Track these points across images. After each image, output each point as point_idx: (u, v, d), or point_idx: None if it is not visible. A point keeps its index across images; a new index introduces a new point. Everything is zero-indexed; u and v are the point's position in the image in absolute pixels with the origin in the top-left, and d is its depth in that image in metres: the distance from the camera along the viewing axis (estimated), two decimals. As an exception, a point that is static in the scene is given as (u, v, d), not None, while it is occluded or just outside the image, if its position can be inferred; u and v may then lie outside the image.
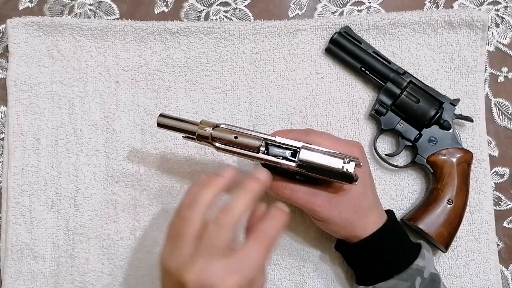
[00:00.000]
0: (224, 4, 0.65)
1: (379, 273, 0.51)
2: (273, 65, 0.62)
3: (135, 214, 0.61)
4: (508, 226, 0.62)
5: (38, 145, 0.62)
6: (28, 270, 0.60)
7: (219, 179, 0.45)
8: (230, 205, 0.43)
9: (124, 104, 0.63)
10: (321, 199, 0.51)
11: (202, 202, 0.43)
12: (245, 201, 0.43)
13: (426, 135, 0.58)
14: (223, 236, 0.41)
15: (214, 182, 0.44)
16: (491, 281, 0.59)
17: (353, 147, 0.53)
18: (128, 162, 0.62)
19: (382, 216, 0.53)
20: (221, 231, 0.41)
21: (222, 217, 0.42)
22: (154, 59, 0.63)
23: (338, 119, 0.62)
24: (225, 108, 0.62)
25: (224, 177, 0.45)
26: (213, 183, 0.44)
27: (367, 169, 0.54)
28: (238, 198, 0.43)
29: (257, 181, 0.44)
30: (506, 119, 0.63)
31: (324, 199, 0.51)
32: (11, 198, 0.61)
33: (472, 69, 0.61)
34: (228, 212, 0.42)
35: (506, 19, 0.64)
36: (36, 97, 0.63)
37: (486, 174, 0.60)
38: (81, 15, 0.65)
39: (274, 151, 0.48)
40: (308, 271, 0.60)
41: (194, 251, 0.41)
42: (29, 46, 0.63)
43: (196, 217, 0.42)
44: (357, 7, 0.65)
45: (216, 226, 0.41)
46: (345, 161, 0.46)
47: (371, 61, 0.60)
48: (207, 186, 0.44)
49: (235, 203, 0.43)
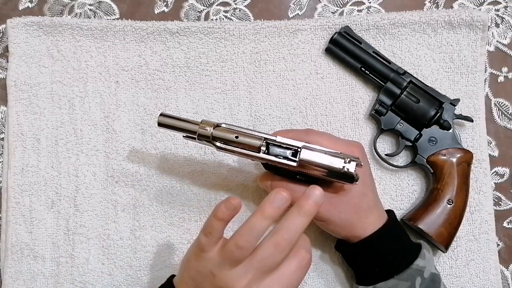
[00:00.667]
0: (224, 4, 0.65)
1: (379, 273, 0.52)
2: (273, 65, 0.62)
3: (135, 214, 0.61)
4: (508, 226, 0.62)
5: (38, 145, 0.62)
6: (28, 270, 0.60)
7: (275, 211, 0.42)
8: (289, 227, 0.42)
9: (124, 104, 0.62)
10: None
11: (258, 232, 0.42)
12: (303, 224, 0.42)
13: (426, 135, 0.58)
14: (278, 258, 0.42)
15: (270, 212, 0.42)
16: (491, 281, 0.59)
17: (353, 147, 0.53)
18: (128, 162, 0.62)
19: (382, 216, 0.53)
20: (277, 254, 0.41)
21: (280, 240, 0.41)
22: (154, 59, 0.63)
23: (338, 119, 0.62)
24: (225, 108, 0.62)
25: (280, 208, 0.42)
26: (270, 214, 0.42)
27: (367, 169, 0.54)
28: (297, 221, 0.42)
29: (315, 205, 0.42)
30: (506, 119, 0.63)
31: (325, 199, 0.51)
32: (11, 198, 0.61)
33: (472, 69, 0.61)
34: (286, 234, 0.41)
35: (506, 19, 0.64)
36: (36, 97, 0.63)
37: (486, 174, 0.60)
38: (81, 15, 0.65)
39: (275, 151, 0.48)
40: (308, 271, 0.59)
41: (247, 263, 0.42)
42: (29, 46, 0.63)
43: (252, 246, 0.42)
44: (357, 7, 0.65)
45: (273, 249, 0.41)
46: (346, 161, 0.46)
47: (371, 61, 0.60)
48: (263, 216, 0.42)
49: (293, 225, 0.42)
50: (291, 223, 0.42)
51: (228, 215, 0.42)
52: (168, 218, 0.61)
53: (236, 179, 0.61)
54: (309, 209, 0.42)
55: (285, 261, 0.43)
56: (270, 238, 0.42)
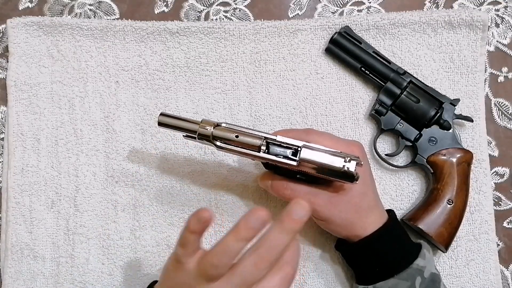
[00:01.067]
0: (224, 4, 0.65)
1: (379, 272, 0.52)
2: (273, 65, 0.62)
3: (135, 214, 0.61)
4: (508, 226, 0.62)
5: (38, 145, 0.62)
6: (28, 270, 0.60)
7: (250, 232, 0.40)
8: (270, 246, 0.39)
9: (124, 104, 0.62)
10: (322, 198, 0.51)
11: (232, 254, 0.40)
12: (285, 242, 0.39)
13: (426, 135, 0.58)
14: (257, 276, 0.39)
15: (244, 234, 0.40)
16: (491, 281, 0.59)
17: (353, 146, 0.53)
18: (128, 162, 0.62)
19: (382, 216, 0.53)
20: (256, 272, 0.39)
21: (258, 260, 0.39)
22: (154, 59, 0.63)
23: (338, 119, 0.62)
24: (225, 108, 0.62)
25: (256, 230, 0.40)
26: (244, 236, 0.40)
27: (367, 169, 0.54)
28: (278, 239, 0.39)
29: (299, 221, 0.39)
30: (506, 119, 0.63)
31: (324, 198, 0.51)
32: (11, 198, 0.61)
33: (472, 69, 0.61)
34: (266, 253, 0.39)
35: (506, 19, 0.64)
36: (36, 97, 0.63)
37: (486, 174, 0.60)
38: (81, 15, 0.65)
39: (275, 150, 0.48)
40: (308, 271, 0.60)
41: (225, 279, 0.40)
42: (29, 46, 0.63)
43: (226, 266, 0.40)
44: (357, 7, 0.65)
45: (252, 267, 0.39)
46: (346, 160, 0.46)
47: (371, 61, 0.60)
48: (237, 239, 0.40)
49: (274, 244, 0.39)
50: (272, 241, 0.39)
51: (199, 227, 0.41)
52: (168, 218, 0.61)
53: (236, 179, 0.61)
54: (292, 226, 0.39)
55: (268, 276, 0.40)
56: (250, 256, 0.39)
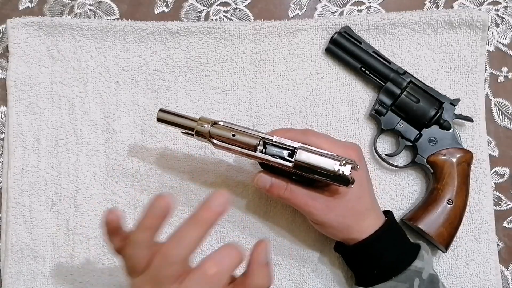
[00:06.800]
0: (224, 4, 0.65)
1: (378, 274, 0.51)
2: (273, 65, 0.62)
3: (135, 214, 0.61)
4: (508, 226, 0.61)
5: (38, 145, 0.62)
6: (28, 270, 0.60)
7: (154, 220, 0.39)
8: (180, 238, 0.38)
9: (124, 104, 0.63)
10: (319, 202, 0.51)
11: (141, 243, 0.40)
12: (196, 234, 0.38)
13: (426, 135, 0.58)
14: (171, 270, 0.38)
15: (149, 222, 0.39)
16: (491, 281, 0.59)
17: (350, 149, 0.52)
18: (128, 162, 0.62)
19: (379, 218, 0.53)
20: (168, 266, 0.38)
21: (169, 252, 0.38)
22: (154, 59, 0.63)
23: (338, 119, 0.62)
24: (225, 108, 0.62)
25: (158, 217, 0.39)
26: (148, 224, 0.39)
27: (364, 172, 0.54)
28: (190, 231, 0.38)
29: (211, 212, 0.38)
30: (506, 119, 0.63)
31: (322, 202, 0.51)
32: (11, 198, 0.61)
33: (472, 69, 0.61)
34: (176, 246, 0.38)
35: (506, 19, 0.64)
36: (36, 97, 0.63)
37: (486, 174, 0.60)
38: (81, 15, 0.65)
39: (272, 151, 0.48)
40: (308, 272, 0.60)
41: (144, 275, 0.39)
42: (29, 46, 0.63)
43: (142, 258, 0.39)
44: (357, 7, 0.65)
45: (163, 262, 0.38)
46: (342, 164, 0.46)
47: (371, 61, 0.60)
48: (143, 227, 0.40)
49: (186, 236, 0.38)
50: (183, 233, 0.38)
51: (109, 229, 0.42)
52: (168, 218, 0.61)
53: (236, 179, 0.61)
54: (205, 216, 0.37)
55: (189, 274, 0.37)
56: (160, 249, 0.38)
